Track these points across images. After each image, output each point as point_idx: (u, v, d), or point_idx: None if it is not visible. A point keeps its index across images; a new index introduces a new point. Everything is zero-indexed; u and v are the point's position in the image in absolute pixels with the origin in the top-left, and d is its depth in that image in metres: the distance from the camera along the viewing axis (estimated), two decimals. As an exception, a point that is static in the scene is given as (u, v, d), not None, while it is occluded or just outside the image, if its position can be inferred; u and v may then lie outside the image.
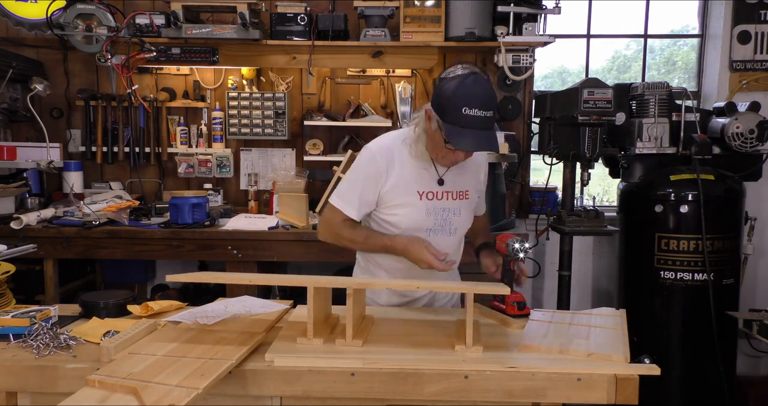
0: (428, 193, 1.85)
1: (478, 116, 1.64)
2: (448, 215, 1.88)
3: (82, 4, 3.21)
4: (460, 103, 1.64)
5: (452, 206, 1.89)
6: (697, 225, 2.89)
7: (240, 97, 3.51)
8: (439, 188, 1.87)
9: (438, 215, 1.87)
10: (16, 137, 3.57)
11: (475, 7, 3.23)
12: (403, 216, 1.85)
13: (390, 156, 1.84)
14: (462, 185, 1.91)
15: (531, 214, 3.62)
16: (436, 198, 1.86)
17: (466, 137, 1.66)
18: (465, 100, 1.64)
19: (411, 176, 1.84)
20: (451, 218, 1.89)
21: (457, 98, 1.65)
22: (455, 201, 1.89)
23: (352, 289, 1.53)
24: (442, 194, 1.87)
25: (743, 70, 3.63)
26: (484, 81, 1.73)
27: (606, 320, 1.71)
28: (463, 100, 1.64)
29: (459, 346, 1.48)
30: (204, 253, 3.06)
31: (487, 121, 1.67)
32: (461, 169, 1.89)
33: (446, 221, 1.88)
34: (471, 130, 1.66)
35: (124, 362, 1.33)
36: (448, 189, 1.88)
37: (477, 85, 1.67)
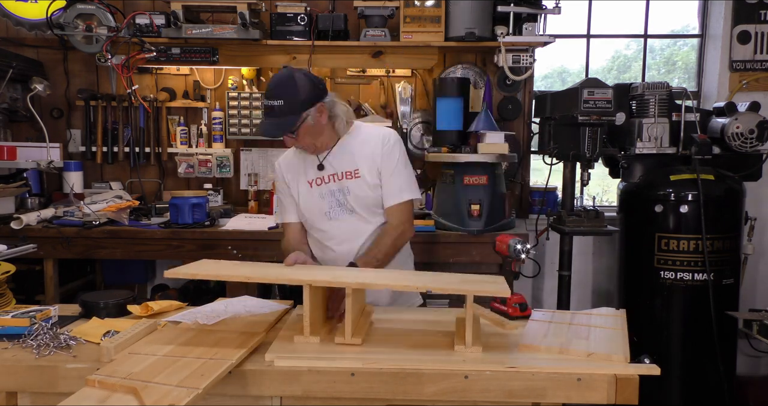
0: (316, 180, 2.06)
1: (265, 104, 1.91)
2: (339, 195, 2.04)
3: (82, 4, 3.21)
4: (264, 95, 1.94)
5: (340, 186, 2.04)
6: (697, 225, 2.89)
7: (240, 97, 3.51)
8: (322, 173, 2.05)
9: (330, 197, 2.05)
10: (16, 137, 3.57)
11: (475, 7, 3.23)
12: (304, 205, 2.08)
13: (287, 163, 2.14)
14: (348, 166, 2.03)
15: (531, 214, 3.62)
16: (324, 182, 2.05)
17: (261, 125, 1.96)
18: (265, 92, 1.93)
19: (301, 170, 2.09)
20: (342, 197, 2.04)
21: None
22: (341, 181, 2.04)
23: (350, 288, 1.53)
24: (328, 178, 2.05)
25: (743, 70, 3.63)
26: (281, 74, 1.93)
27: (606, 320, 1.71)
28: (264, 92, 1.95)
29: (459, 346, 1.48)
30: (204, 253, 3.05)
31: (271, 109, 1.88)
32: (348, 152, 2.05)
33: (339, 201, 2.04)
34: (265, 119, 1.93)
35: (124, 362, 1.33)
36: (330, 172, 2.05)
37: (274, 77, 1.93)
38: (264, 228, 3.05)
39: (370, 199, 2.04)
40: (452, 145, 3.18)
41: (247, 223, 3.14)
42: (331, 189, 2.04)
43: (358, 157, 2.04)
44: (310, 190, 2.06)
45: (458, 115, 3.32)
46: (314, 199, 2.06)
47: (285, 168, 2.14)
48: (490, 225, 3.01)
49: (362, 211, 2.04)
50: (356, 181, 2.03)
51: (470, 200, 2.99)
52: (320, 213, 2.06)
